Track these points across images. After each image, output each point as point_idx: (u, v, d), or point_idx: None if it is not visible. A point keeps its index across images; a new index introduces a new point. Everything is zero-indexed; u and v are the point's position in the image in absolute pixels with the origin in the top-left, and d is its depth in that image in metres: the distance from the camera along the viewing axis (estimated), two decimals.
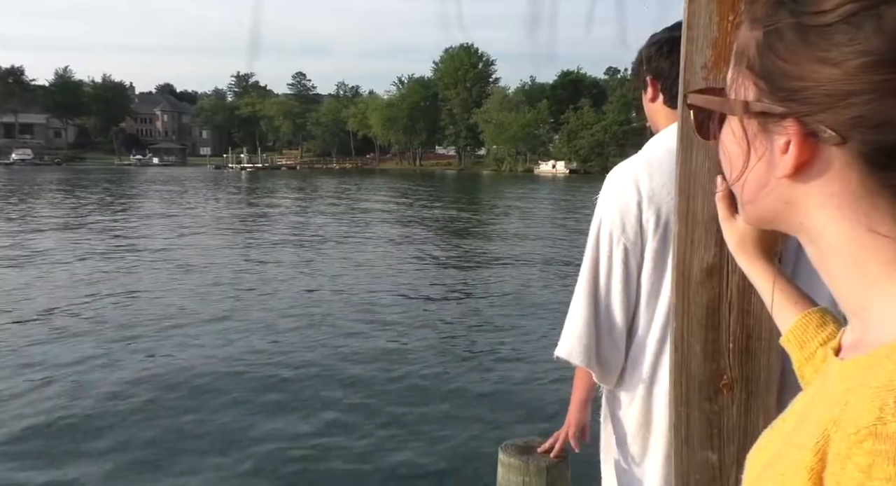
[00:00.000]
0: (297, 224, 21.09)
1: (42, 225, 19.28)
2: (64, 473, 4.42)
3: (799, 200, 0.45)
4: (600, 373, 1.73)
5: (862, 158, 0.41)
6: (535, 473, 1.88)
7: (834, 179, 0.43)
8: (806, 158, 0.43)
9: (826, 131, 0.41)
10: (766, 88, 0.44)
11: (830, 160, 0.42)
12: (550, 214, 26.12)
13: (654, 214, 1.59)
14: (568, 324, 1.73)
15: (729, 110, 0.48)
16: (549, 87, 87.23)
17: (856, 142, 0.41)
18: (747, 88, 0.45)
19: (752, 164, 0.46)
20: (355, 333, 7.93)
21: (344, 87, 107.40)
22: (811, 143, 0.43)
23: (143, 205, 27.71)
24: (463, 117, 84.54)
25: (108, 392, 5.85)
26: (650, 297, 1.65)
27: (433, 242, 17.08)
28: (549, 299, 9.77)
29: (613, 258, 1.65)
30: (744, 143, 0.46)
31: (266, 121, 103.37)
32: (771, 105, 0.44)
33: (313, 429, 5.18)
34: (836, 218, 0.44)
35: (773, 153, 0.45)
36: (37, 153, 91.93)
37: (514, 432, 4.58)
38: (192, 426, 5.18)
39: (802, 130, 0.42)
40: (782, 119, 0.43)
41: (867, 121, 0.40)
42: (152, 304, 9.24)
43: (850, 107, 0.40)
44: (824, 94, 0.40)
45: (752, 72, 0.45)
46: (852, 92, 0.39)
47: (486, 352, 7.33)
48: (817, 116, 0.41)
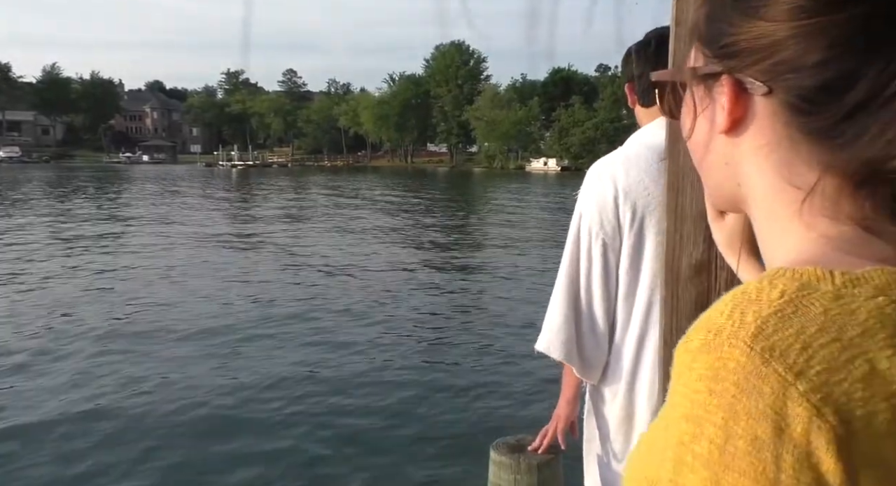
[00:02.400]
0: (288, 221, 21.01)
1: (26, 225, 19.10)
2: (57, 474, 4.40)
3: (735, 158, 0.48)
4: (582, 368, 1.75)
5: (786, 106, 0.43)
6: (527, 470, 1.89)
7: (763, 130, 0.45)
8: (740, 113, 0.45)
9: (754, 83, 0.44)
10: (708, 53, 0.47)
11: (760, 112, 0.45)
12: (542, 210, 26.15)
13: (630, 209, 1.61)
14: (547, 318, 1.76)
15: (679, 77, 0.51)
16: (541, 84, 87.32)
17: (780, 90, 0.43)
18: (697, 59, 0.49)
19: (698, 125, 0.49)
20: (345, 331, 7.92)
21: (335, 84, 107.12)
22: (744, 97, 0.45)
23: (129, 204, 27.52)
24: (454, 115, 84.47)
25: (99, 394, 5.81)
26: (628, 292, 1.66)
27: (423, 240, 17.06)
28: (540, 296, 9.76)
29: (593, 253, 1.67)
30: (691, 105, 0.49)
31: (257, 118, 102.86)
32: (711, 66, 0.47)
33: (303, 427, 5.16)
34: (763, 170, 0.46)
35: (714, 112, 0.47)
36: (24, 151, 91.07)
37: (506, 429, 4.59)
38: (186, 426, 5.16)
39: (735, 84, 0.45)
40: (719, 77, 0.46)
41: (788, 66, 0.42)
42: (135, 309, 9.19)
43: (773, 55, 0.42)
44: (752, 46, 0.43)
45: (700, 41, 0.48)
46: (776, 40, 0.42)
47: (477, 349, 7.33)
48: (747, 70, 0.44)
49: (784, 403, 0.36)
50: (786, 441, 0.36)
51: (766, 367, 0.37)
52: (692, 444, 0.38)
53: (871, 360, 0.37)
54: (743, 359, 0.37)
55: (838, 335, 0.38)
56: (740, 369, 0.37)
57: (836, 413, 0.36)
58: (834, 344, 0.37)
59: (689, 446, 0.38)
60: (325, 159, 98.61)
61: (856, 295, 0.39)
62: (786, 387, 0.36)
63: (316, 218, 22.23)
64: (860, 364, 0.37)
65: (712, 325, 0.40)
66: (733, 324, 0.39)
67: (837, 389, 0.36)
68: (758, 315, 0.39)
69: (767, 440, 0.36)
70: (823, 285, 0.40)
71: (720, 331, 0.39)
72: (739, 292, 0.41)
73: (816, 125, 0.43)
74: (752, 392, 0.37)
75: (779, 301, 0.39)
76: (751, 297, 0.40)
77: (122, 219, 20.74)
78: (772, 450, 0.36)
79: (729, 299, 0.41)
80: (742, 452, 0.36)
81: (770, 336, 0.38)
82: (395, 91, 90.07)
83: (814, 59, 0.41)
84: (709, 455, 0.37)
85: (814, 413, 0.36)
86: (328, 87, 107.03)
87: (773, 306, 0.39)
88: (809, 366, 0.37)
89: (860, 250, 0.43)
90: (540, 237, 17.47)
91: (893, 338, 0.38)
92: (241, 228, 18.96)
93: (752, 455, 0.36)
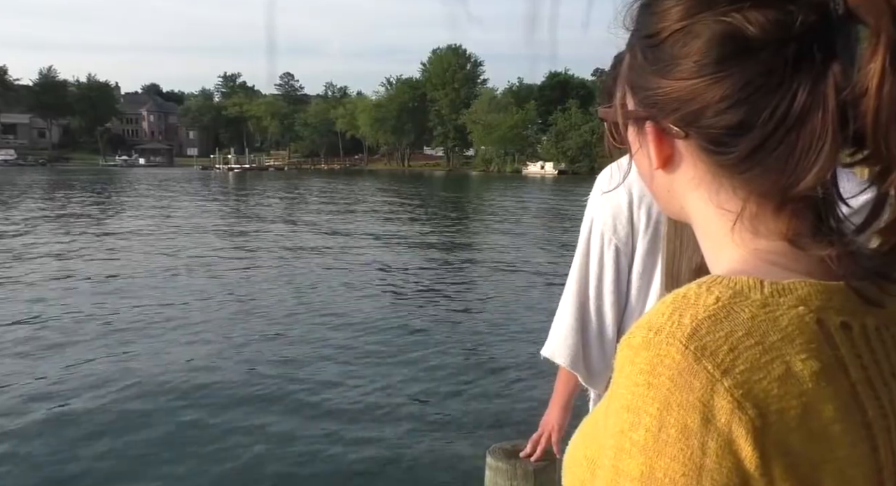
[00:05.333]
0: (283, 226, 20.96)
1: (19, 228, 19.02)
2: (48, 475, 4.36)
3: (674, 188, 0.55)
4: (587, 376, 1.72)
5: (700, 148, 0.50)
6: (523, 477, 1.87)
7: (689, 167, 0.52)
8: (668, 152, 0.52)
9: (672, 129, 0.51)
10: (635, 97, 0.54)
11: (683, 152, 0.52)
12: (538, 215, 26.14)
13: (646, 214, 1.59)
14: (555, 324, 1.73)
15: (612, 118, 0.58)
16: (537, 88, 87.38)
17: (693, 135, 0.50)
18: (628, 99, 0.55)
19: (640, 159, 0.56)
20: (339, 336, 7.89)
21: (332, 87, 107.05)
22: (667, 139, 0.52)
23: (126, 207, 27.42)
24: (451, 118, 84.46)
25: (91, 395, 5.78)
26: (639, 297, 1.64)
27: (418, 243, 17.04)
28: (538, 301, 9.77)
29: (605, 259, 1.64)
30: (631, 144, 0.56)
31: (253, 121, 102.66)
32: (638, 111, 0.53)
33: (299, 434, 5.14)
34: (697, 199, 0.53)
35: (650, 150, 0.54)
36: (20, 154, 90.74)
37: (503, 435, 4.57)
38: (180, 426, 5.13)
39: (657, 130, 0.52)
40: (644, 122, 0.53)
41: (695, 117, 0.49)
42: (131, 309, 9.14)
43: (681, 107, 0.49)
44: (663, 100, 0.50)
45: (627, 84, 0.55)
46: (680, 97, 0.49)
47: (471, 353, 7.32)
48: (666, 118, 0.51)
49: (711, 396, 0.41)
50: (711, 430, 0.41)
51: (698, 364, 0.42)
52: (630, 432, 0.43)
53: (787, 362, 0.42)
54: (678, 357, 0.42)
55: (761, 339, 0.43)
56: (675, 365, 0.42)
57: (754, 407, 0.41)
58: (757, 347, 0.43)
59: (627, 434, 0.43)
60: (322, 163, 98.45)
61: (780, 304, 0.45)
62: (713, 383, 0.41)
63: (311, 221, 22.18)
64: (778, 366, 0.42)
65: (653, 324, 0.45)
66: (672, 324, 0.44)
67: (757, 386, 0.41)
68: (694, 318, 0.44)
69: (696, 428, 0.41)
70: (753, 293, 0.45)
71: (660, 330, 0.44)
72: (680, 295, 0.46)
73: (727, 162, 0.49)
74: (684, 386, 0.42)
75: (713, 306, 0.44)
76: (689, 301, 0.45)
77: (116, 222, 20.66)
78: (699, 438, 0.41)
79: (670, 301, 0.46)
80: (673, 439, 0.41)
81: (703, 337, 0.43)
82: (391, 94, 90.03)
83: (714, 111, 0.48)
84: (644, 442, 0.42)
85: (736, 406, 0.41)
86: (325, 90, 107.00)
87: (707, 311, 0.44)
88: (734, 365, 0.42)
89: (787, 262, 0.49)
90: (537, 242, 17.46)
91: (809, 344, 0.44)
92: (237, 230, 18.91)
93: (681, 442, 0.41)
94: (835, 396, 0.43)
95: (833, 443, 0.42)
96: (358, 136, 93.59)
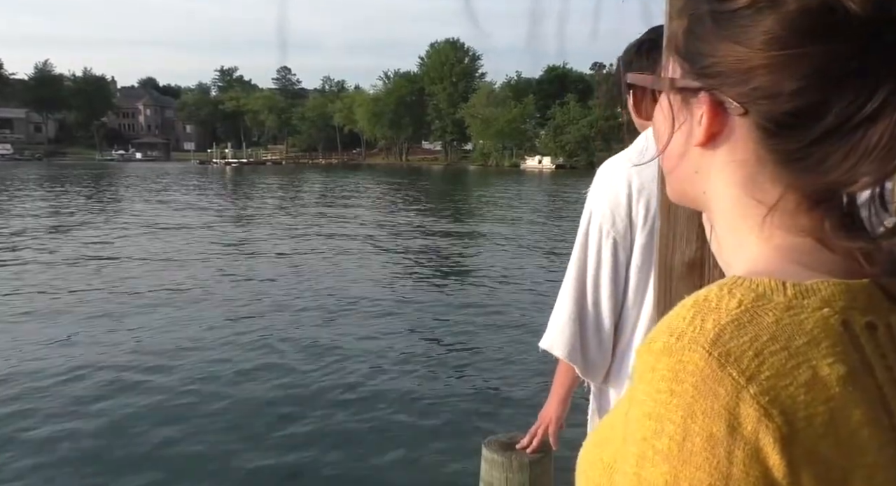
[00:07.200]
0: (281, 221, 20.94)
1: (17, 223, 18.98)
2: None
3: (705, 168, 0.51)
4: (584, 368, 1.72)
5: (758, 128, 0.47)
6: (518, 469, 1.86)
7: (736, 147, 0.48)
8: (717, 128, 0.49)
9: (732, 103, 0.47)
10: (687, 67, 0.50)
11: (735, 130, 0.48)
12: (537, 209, 26.16)
13: (644, 208, 1.60)
14: (553, 316, 1.73)
15: (657, 86, 0.54)
16: (536, 82, 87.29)
17: (754, 113, 0.46)
18: (675, 69, 0.52)
19: (675, 134, 0.52)
20: (336, 331, 7.88)
21: (329, 81, 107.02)
22: (721, 114, 0.48)
23: (122, 201, 27.38)
24: (449, 112, 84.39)
25: (85, 396, 5.77)
26: (638, 290, 1.64)
27: (416, 237, 17.03)
28: (534, 295, 9.77)
29: (602, 252, 1.65)
30: (669, 116, 0.52)
31: (251, 116, 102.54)
32: (690, 81, 0.50)
33: (294, 428, 5.13)
34: (729, 184, 0.50)
35: (692, 125, 0.50)
36: (16, 148, 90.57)
37: (498, 427, 4.57)
38: (175, 428, 5.12)
39: (713, 102, 0.48)
40: (698, 93, 0.49)
41: (763, 92, 0.45)
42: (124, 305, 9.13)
43: (751, 80, 0.45)
44: (730, 69, 0.46)
45: (679, 54, 0.51)
46: (753, 67, 0.45)
47: (467, 347, 7.31)
48: (725, 90, 0.47)
49: (737, 404, 0.40)
50: (738, 439, 0.40)
51: (722, 371, 0.40)
52: (653, 440, 0.41)
53: (813, 367, 0.41)
54: (701, 363, 0.41)
55: (787, 344, 0.42)
56: (699, 372, 0.41)
57: (781, 414, 0.40)
58: (782, 352, 0.41)
59: (650, 441, 0.41)
60: (320, 157, 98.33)
61: (804, 306, 0.43)
62: (739, 390, 0.40)
63: (309, 216, 22.17)
64: (804, 371, 0.41)
65: (674, 329, 0.43)
66: (694, 330, 0.42)
67: (784, 392, 0.40)
68: (717, 323, 0.42)
69: (722, 437, 0.40)
70: (776, 296, 0.44)
71: (682, 335, 0.42)
72: (701, 298, 0.44)
73: (785, 148, 0.46)
74: (708, 394, 0.40)
75: (736, 310, 0.43)
76: (711, 304, 0.44)
77: (111, 216, 20.63)
78: (725, 446, 0.40)
79: (690, 305, 0.44)
80: (699, 448, 0.40)
81: (727, 343, 0.41)
82: (389, 88, 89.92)
83: (787, 89, 0.44)
84: (668, 451, 0.40)
85: (762, 414, 0.40)
86: (323, 84, 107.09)
87: (730, 315, 0.43)
88: (760, 371, 0.40)
89: (812, 261, 0.47)
90: (535, 236, 17.47)
91: (835, 347, 0.42)
92: (234, 226, 18.89)
93: (707, 451, 0.40)
94: (862, 400, 0.42)
95: (862, 448, 0.41)
96: (356, 130, 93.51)
